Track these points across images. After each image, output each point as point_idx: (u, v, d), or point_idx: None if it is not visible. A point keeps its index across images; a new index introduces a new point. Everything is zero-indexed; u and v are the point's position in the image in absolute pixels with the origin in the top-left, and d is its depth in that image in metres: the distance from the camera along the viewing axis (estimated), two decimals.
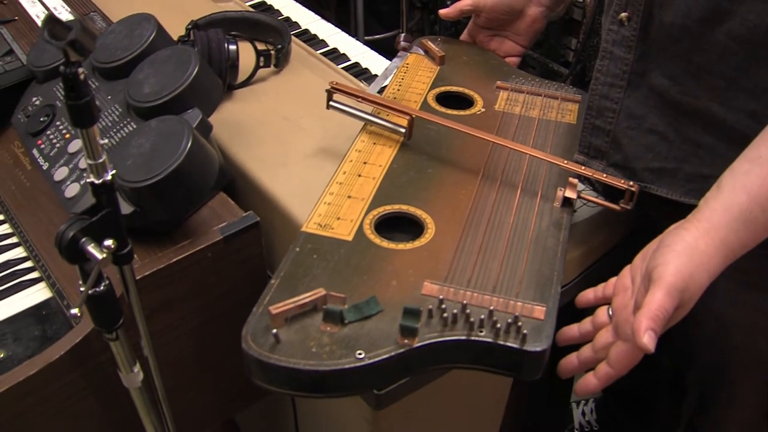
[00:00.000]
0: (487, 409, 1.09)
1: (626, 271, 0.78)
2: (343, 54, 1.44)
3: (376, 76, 1.38)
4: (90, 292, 0.71)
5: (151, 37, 0.99)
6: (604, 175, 0.85)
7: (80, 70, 0.63)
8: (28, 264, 0.95)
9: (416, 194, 0.87)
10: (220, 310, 0.97)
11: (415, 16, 2.63)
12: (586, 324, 0.78)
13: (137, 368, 0.82)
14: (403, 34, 1.19)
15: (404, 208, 0.85)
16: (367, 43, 1.47)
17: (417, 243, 0.80)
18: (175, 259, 0.88)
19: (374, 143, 0.96)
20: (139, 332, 0.81)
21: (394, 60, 1.15)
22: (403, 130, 0.95)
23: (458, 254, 0.79)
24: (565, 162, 0.88)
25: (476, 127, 0.95)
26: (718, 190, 0.73)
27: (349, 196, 0.86)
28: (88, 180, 0.68)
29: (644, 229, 0.85)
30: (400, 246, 0.79)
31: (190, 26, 1.17)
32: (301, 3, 1.62)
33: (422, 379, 0.87)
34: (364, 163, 0.92)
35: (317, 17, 1.58)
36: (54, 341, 0.85)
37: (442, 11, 1.18)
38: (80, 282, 0.73)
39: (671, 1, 0.82)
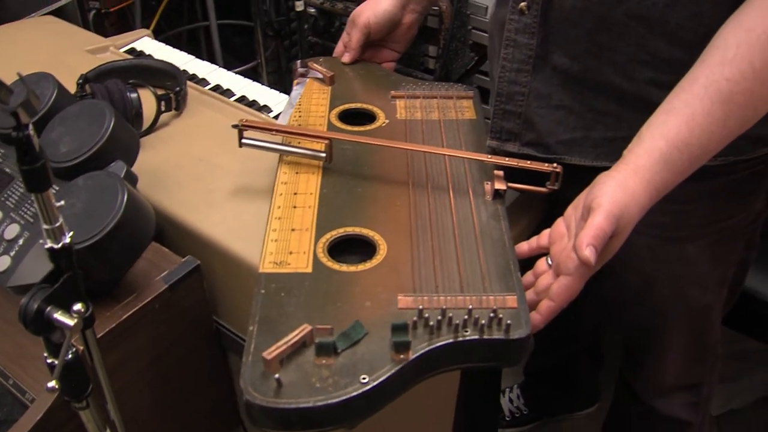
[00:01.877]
0: (441, 406, 1.13)
1: (560, 221, 0.83)
2: (228, 89, 1.44)
3: (265, 106, 1.38)
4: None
5: (54, 96, 0.96)
6: (528, 162, 0.89)
7: (32, 132, 0.61)
8: None
9: (355, 214, 0.88)
10: (172, 359, 0.95)
11: (270, 44, 2.64)
12: (529, 276, 0.82)
13: None
14: (299, 61, 1.18)
15: (350, 230, 0.86)
16: None
17: (375, 261, 0.81)
18: (125, 316, 0.86)
19: (297, 172, 0.95)
20: (104, 396, 0.79)
21: (296, 88, 1.14)
22: (322, 155, 0.95)
23: (416, 264, 0.80)
24: (489, 156, 0.92)
25: (387, 139, 0.97)
26: (639, 139, 0.80)
27: (292, 229, 0.85)
28: (45, 246, 0.66)
29: (558, 204, 0.91)
30: (360, 267, 0.80)
31: (80, 80, 1.14)
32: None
33: None
34: (295, 193, 0.91)
35: (191, 57, 1.57)
36: (10, 424, 0.81)
37: (346, 59, 1.20)
38: (45, 354, 0.70)
39: None
